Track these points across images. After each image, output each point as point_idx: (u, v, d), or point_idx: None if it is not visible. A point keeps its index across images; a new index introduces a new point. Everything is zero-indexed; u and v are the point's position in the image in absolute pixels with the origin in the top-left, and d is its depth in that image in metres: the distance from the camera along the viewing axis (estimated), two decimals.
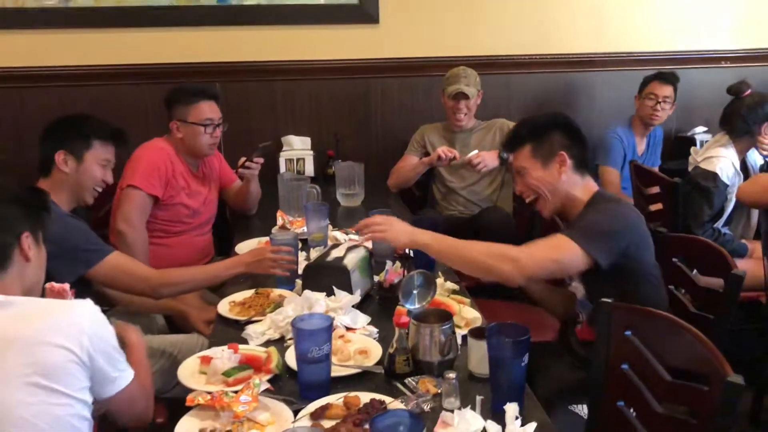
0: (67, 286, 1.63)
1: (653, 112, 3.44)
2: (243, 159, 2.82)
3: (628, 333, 1.54)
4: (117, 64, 3.42)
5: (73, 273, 1.90)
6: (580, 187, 1.97)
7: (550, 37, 3.74)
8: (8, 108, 3.40)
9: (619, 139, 3.46)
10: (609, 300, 1.58)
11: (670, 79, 3.45)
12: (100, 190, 2.21)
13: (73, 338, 1.31)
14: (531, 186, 1.98)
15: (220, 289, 2.42)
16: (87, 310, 1.37)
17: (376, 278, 2.13)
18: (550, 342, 2.39)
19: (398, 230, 1.94)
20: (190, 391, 1.49)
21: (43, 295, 1.56)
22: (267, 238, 2.53)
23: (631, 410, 1.53)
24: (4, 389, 1.26)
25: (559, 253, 1.81)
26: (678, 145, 3.88)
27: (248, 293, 2.08)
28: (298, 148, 3.54)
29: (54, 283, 1.63)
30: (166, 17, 3.40)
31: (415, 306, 1.76)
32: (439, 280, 2.09)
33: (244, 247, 2.49)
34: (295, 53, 3.55)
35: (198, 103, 2.68)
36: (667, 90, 3.43)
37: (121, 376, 1.43)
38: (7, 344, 1.28)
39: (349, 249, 2.06)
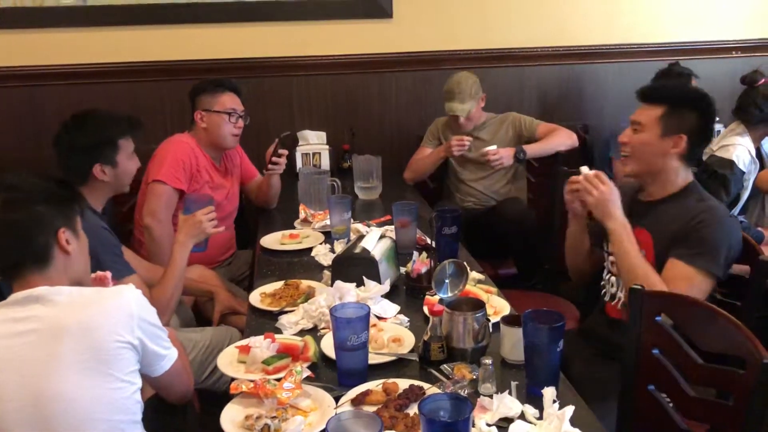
0: (108, 274, 1.68)
1: None
2: (270, 151, 2.84)
3: (658, 318, 1.57)
4: (134, 61, 3.45)
5: None
6: (679, 175, 1.94)
7: (562, 30, 3.76)
8: (26, 106, 3.43)
9: None
10: (640, 286, 1.61)
11: (689, 74, 3.44)
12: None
13: (123, 323, 1.36)
14: (634, 145, 1.95)
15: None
16: (133, 294, 1.42)
17: (402, 269, 2.16)
18: (570, 331, 2.42)
19: (603, 203, 1.91)
20: (221, 383, 1.53)
21: None
22: (290, 231, 2.59)
23: (663, 394, 1.57)
24: (60, 375, 1.30)
25: (694, 291, 1.75)
26: None
27: (278, 285, 2.12)
28: (314, 142, 3.56)
29: (98, 272, 1.68)
30: (182, 14, 3.43)
31: (447, 295, 1.79)
32: None
33: (269, 240, 2.52)
34: (310, 49, 3.58)
35: (223, 93, 2.75)
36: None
37: (169, 354, 1.49)
38: (61, 332, 1.32)
39: (377, 239, 2.09)
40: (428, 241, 2.40)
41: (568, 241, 2.18)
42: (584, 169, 2.00)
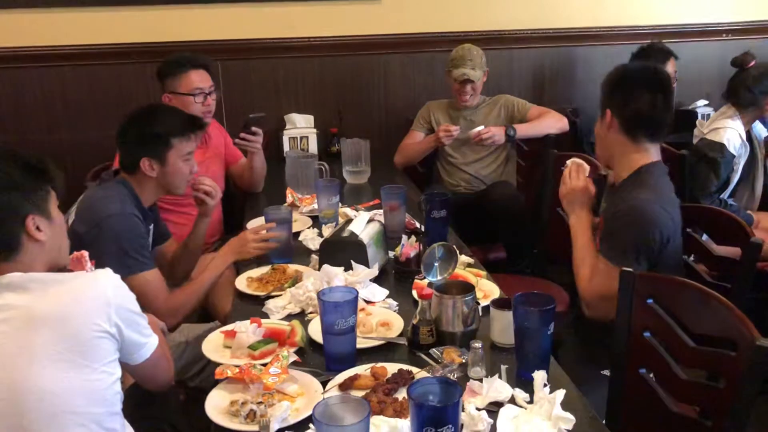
0: (85, 253, 1.63)
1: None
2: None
3: (650, 301, 1.55)
4: (118, 42, 3.38)
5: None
6: (633, 156, 1.92)
7: (551, 12, 3.72)
8: (8, 88, 3.36)
9: None
10: (631, 269, 1.59)
11: (668, 53, 3.42)
12: (190, 180, 2.19)
13: (99, 311, 1.32)
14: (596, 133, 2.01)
15: None
16: (109, 280, 1.37)
17: (391, 253, 2.14)
18: (560, 313, 2.40)
19: (570, 197, 1.98)
20: (211, 379, 1.50)
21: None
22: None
23: (653, 377, 1.55)
24: (35, 367, 1.26)
25: (607, 284, 1.75)
26: (679, 119, 3.87)
27: (264, 269, 2.09)
28: (301, 126, 3.52)
29: (75, 252, 1.63)
30: None
31: (436, 278, 1.77)
32: None
33: (254, 223, 2.48)
34: (297, 30, 3.52)
35: (187, 72, 2.68)
36: (670, 67, 3.41)
37: (149, 342, 1.45)
38: (35, 322, 1.28)
39: (366, 223, 2.06)
40: (417, 224, 2.37)
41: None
42: (569, 161, 2.05)
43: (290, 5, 3.49)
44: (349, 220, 2.12)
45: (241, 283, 2.00)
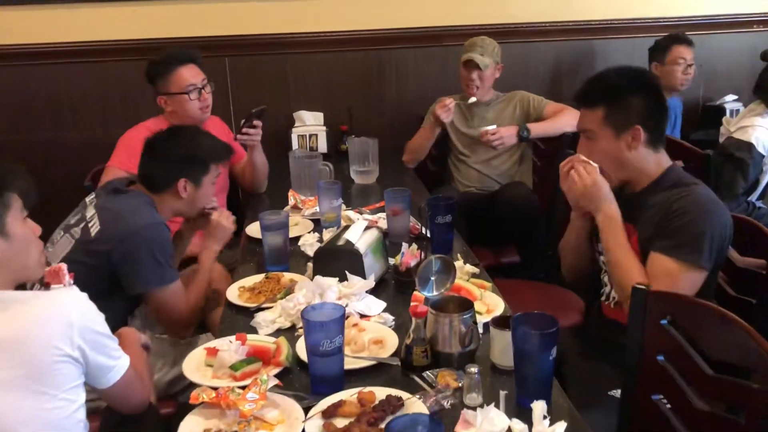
0: (63, 266, 1.55)
1: (685, 77, 3.25)
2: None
3: (664, 322, 1.42)
4: (123, 39, 3.30)
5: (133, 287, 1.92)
6: (652, 162, 1.78)
7: (570, 3, 3.57)
8: (15, 86, 3.31)
9: None
10: (643, 286, 1.46)
11: (691, 40, 3.28)
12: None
13: (61, 334, 1.22)
14: (597, 155, 1.78)
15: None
16: (73, 300, 1.27)
17: (391, 261, 2.03)
18: (576, 325, 2.27)
19: (593, 193, 1.77)
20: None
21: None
22: None
23: (668, 405, 1.42)
24: None
25: (680, 286, 1.61)
26: (706, 115, 3.71)
27: (258, 278, 1.99)
28: (310, 123, 3.42)
29: (53, 265, 1.56)
30: None
31: (432, 293, 1.65)
32: (458, 263, 1.97)
33: (255, 228, 2.38)
34: (306, 25, 3.42)
35: (176, 70, 2.59)
36: (691, 53, 3.26)
37: (117, 365, 1.36)
38: None
39: (363, 230, 1.95)
40: (422, 230, 2.25)
41: (568, 240, 2.00)
42: (565, 164, 1.85)
43: None
44: (346, 227, 2.01)
45: (233, 293, 1.91)
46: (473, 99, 3.02)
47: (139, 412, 1.50)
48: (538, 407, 1.26)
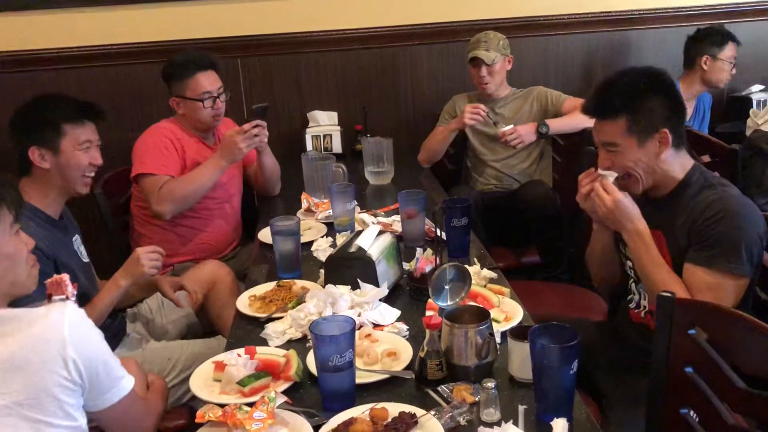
0: (66, 276, 1.51)
1: (729, 78, 3.17)
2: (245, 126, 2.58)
3: (692, 332, 1.34)
4: (135, 42, 3.27)
5: None
6: (676, 164, 1.69)
7: None
8: (15, 93, 3.27)
9: None
10: (669, 294, 1.38)
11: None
12: (92, 175, 2.04)
13: (56, 356, 1.14)
14: (624, 166, 1.68)
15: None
16: (64, 315, 1.17)
17: (406, 266, 1.97)
18: (597, 324, 2.20)
19: (619, 213, 1.67)
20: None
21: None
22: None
23: (698, 419, 1.35)
24: None
25: (723, 298, 1.55)
26: (731, 106, 3.59)
27: (269, 285, 1.94)
28: (324, 123, 3.36)
29: (55, 275, 1.53)
30: None
31: (447, 303, 1.59)
32: (475, 268, 1.91)
33: (264, 234, 2.34)
34: (319, 24, 3.35)
35: (194, 75, 2.54)
36: (737, 53, 3.17)
37: (121, 384, 1.28)
38: None
39: (375, 236, 1.89)
40: (438, 232, 2.19)
41: (594, 251, 1.93)
42: (587, 180, 1.76)
43: None
44: (358, 232, 1.95)
45: (243, 302, 1.86)
46: (502, 127, 2.93)
47: None
48: (559, 425, 1.19)
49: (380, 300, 1.76)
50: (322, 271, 1.96)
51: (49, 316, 1.17)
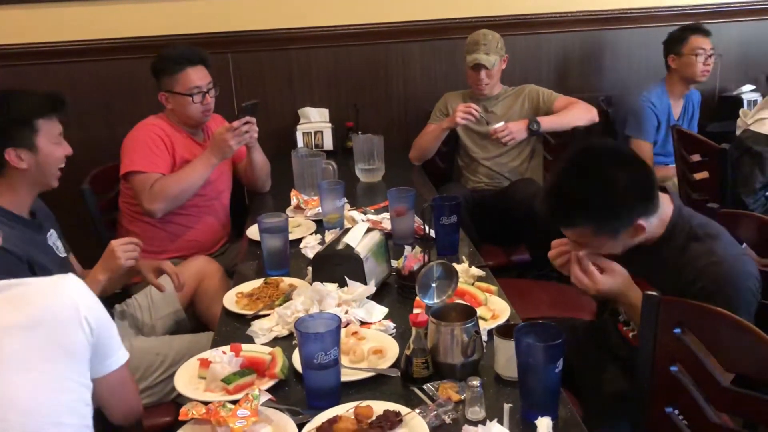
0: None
1: (705, 68, 3.13)
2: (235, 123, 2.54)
3: (677, 331, 1.34)
4: (125, 37, 3.25)
5: None
6: (657, 223, 1.55)
7: None
8: (15, 86, 3.26)
9: (651, 107, 3.17)
10: (655, 293, 1.38)
11: (707, 30, 3.17)
12: (62, 166, 1.98)
13: (70, 314, 1.25)
14: (599, 252, 1.56)
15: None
16: (73, 283, 1.29)
17: (394, 263, 1.96)
18: (584, 324, 2.20)
19: (608, 291, 1.56)
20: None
21: None
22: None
23: (682, 418, 1.35)
24: (2, 375, 1.19)
25: None
26: (722, 106, 3.60)
27: (257, 283, 1.93)
28: (315, 120, 3.35)
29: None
30: None
31: (434, 301, 1.58)
32: (464, 266, 1.91)
33: (252, 231, 2.32)
34: (310, 19, 3.34)
35: (184, 70, 2.52)
36: (710, 42, 3.14)
37: (120, 353, 1.37)
38: (3, 331, 1.21)
39: (364, 233, 1.88)
40: (427, 230, 2.18)
41: None
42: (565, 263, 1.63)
43: None
44: (346, 230, 1.94)
45: (230, 299, 1.85)
46: (494, 125, 2.92)
47: (128, 422, 1.46)
48: (543, 424, 1.20)
49: (368, 297, 1.76)
50: (310, 268, 1.96)
51: (58, 284, 1.28)
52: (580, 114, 2.95)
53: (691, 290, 1.47)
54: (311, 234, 2.27)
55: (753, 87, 3.57)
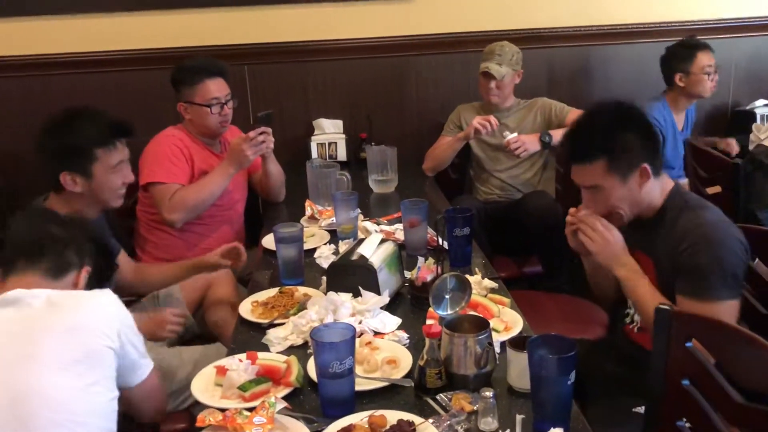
0: None
1: (712, 84, 3.12)
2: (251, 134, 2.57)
3: (689, 345, 1.35)
4: (144, 48, 3.30)
5: None
6: (657, 191, 1.71)
7: (594, 7, 3.49)
8: (31, 96, 3.31)
9: (655, 123, 3.19)
10: (667, 306, 1.39)
11: (709, 45, 3.16)
12: (124, 191, 2.05)
13: (105, 325, 1.36)
14: (609, 205, 1.70)
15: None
16: (110, 297, 1.43)
17: (407, 274, 1.98)
18: (600, 339, 2.21)
19: (609, 251, 1.70)
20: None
21: None
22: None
23: None
24: (39, 372, 1.28)
25: None
26: (735, 121, 3.60)
27: (272, 292, 1.96)
28: (329, 131, 3.39)
29: None
30: None
31: (447, 312, 1.60)
32: (476, 278, 1.92)
33: (268, 240, 2.35)
34: (326, 32, 3.39)
35: (203, 81, 2.56)
36: (713, 58, 3.13)
37: (147, 362, 1.49)
38: (43, 330, 1.32)
39: (377, 244, 1.90)
40: (440, 241, 2.20)
41: (589, 274, 1.95)
42: (574, 220, 1.77)
43: (318, 6, 3.36)
44: (360, 240, 1.96)
45: (246, 308, 1.88)
46: (507, 135, 2.94)
47: (158, 420, 1.60)
48: None
49: (381, 308, 1.78)
50: (324, 278, 1.98)
51: (96, 297, 1.42)
52: None
53: (681, 253, 1.61)
54: (325, 244, 2.29)
55: (766, 102, 3.57)
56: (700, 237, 1.60)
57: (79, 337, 1.33)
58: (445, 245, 2.10)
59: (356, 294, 1.79)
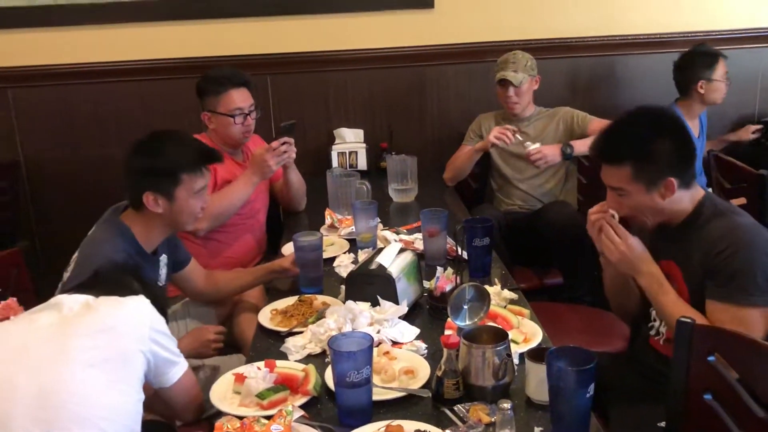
0: (11, 301, 1.73)
1: (726, 92, 3.15)
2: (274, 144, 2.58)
3: (711, 359, 1.33)
4: (168, 58, 3.35)
5: None
6: (686, 200, 1.69)
7: (618, 17, 3.46)
8: (60, 105, 3.39)
9: None
10: (689, 319, 1.38)
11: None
12: (201, 215, 2.06)
13: (138, 331, 1.41)
14: (632, 208, 1.70)
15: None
16: (144, 304, 1.47)
17: (426, 284, 1.98)
18: (621, 352, 2.18)
19: (627, 260, 1.70)
20: None
21: None
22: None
23: None
24: (69, 367, 1.32)
25: (749, 330, 1.50)
26: (760, 132, 3.55)
27: (291, 300, 1.97)
28: (350, 141, 3.40)
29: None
30: (214, 10, 3.31)
31: (465, 323, 1.60)
32: (495, 288, 1.92)
33: (287, 248, 2.36)
34: (347, 42, 3.41)
35: (227, 91, 2.58)
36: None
37: (181, 361, 1.53)
38: (76, 329, 1.37)
39: (396, 253, 1.91)
40: (459, 251, 2.20)
41: (606, 289, 1.94)
42: (597, 222, 1.79)
43: (340, 17, 3.38)
44: (380, 249, 1.97)
45: (265, 316, 1.89)
46: (529, 145, 2.93)
47: (195, 418, 1.66)
48: None
49: (399, 318, 1.78)
50: (343, 287, 1.99)
51: (130, 302, 1.46)
52: None
53: (715, 257, 1.59)
54: (345, 253, 2.30)
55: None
56: (735, 241, 1.58)
57: (111, 337, 1.37)
58: (465, 255, 2.10)
59: (375, 303, 1.80)
